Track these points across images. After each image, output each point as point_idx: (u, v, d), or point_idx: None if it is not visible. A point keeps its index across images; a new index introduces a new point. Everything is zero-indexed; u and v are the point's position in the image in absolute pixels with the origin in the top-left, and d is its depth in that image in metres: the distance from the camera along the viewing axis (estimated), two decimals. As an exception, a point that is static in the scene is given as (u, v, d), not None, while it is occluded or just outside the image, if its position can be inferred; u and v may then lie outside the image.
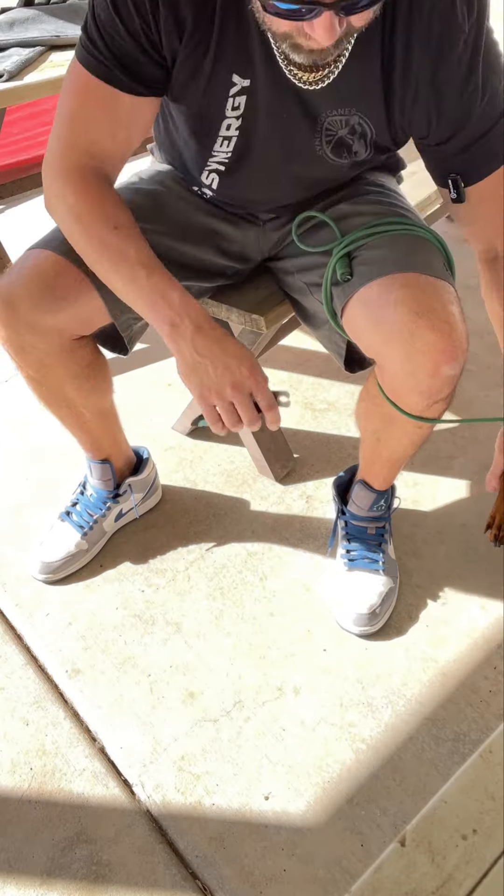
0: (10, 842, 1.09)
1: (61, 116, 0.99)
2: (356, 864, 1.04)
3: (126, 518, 1.55)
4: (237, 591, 1.42)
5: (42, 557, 1.46)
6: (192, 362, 0.98)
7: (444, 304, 0.99)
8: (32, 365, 1.20)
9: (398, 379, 1.03)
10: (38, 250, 1.10)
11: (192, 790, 1.13)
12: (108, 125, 0.98)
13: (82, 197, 0.99)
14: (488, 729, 1.18)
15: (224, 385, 0.98)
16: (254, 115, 1.01)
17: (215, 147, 1.07)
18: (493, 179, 1.03)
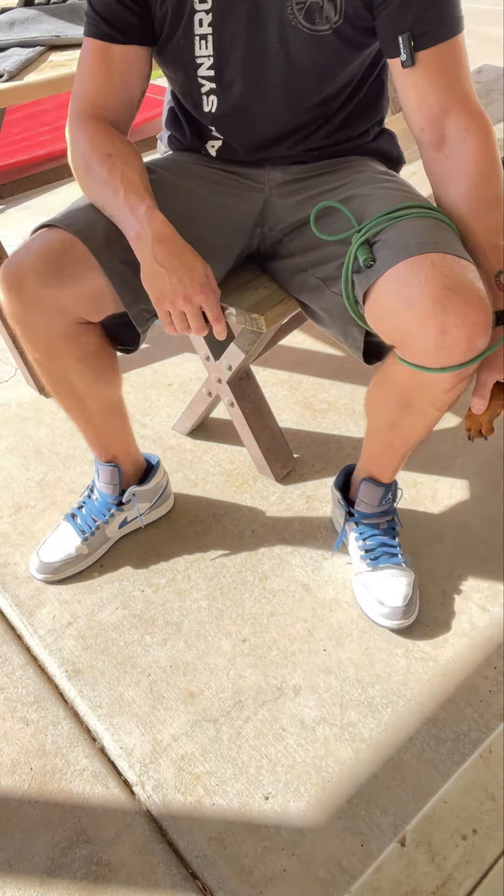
0: (10, 842, 1.09)
1: (75, 79, 1.17)
2: (356, 864, 1.04)
3: (131, 526, 1.53)
4: (237, 591, 1.42)
5: (42, 556, 1.46)
6: (150, 269, 1.08)
7: (472, 281, 1.00)
8: (38, 347, 1.20)
9: (429, 356, 1.02)
10: (48, 228, 1.13)
11: (192, 790, 1.13)
12: (105, 75, 1.14)
13: (83, 133, 1.14)
14: (488, 729, 1.18)
15: (176, 296, 1.07)
16: (222, 4, 1.08)
17: (197, 52, 1.14)
18: (443, 51, 1.05)
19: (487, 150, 1.08)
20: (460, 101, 1.08)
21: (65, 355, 1.21)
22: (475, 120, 1.08)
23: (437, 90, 1.07)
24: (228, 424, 1.73)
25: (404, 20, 1.04)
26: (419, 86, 1.07)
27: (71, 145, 1.16)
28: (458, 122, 1.08)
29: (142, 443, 1.76)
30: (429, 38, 1.04)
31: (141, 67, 1.15)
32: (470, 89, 1.09)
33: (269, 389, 1.90)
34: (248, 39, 1.10)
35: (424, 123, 1.10)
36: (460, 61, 1.08)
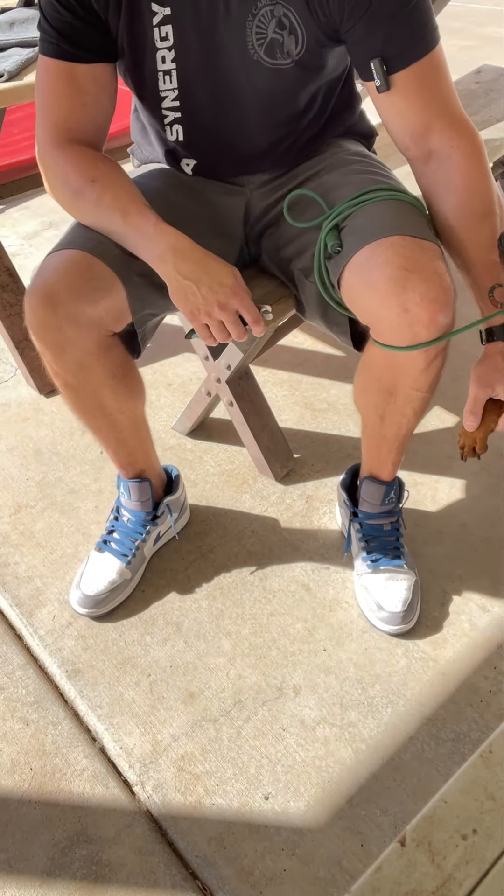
0: (10, 842, 1.09)
1: (37, 105, 1.11)
2: (356, 864, 1.04)
3: (163, 540, 1.51)
4: (237, 591, 1.42)
5: (85, 590, 1.39)
6: (178, 286, 1.06)
7: (430, 259, 1.01)
8: (71, 368, 1.17)
9: (396, 336, 1.04)
10: (64, 250, 1.11)
11: (192, 790, 1.13)
12: (73, 96, 1.09)
13: (64, 163, 1.09)
14: (488, 729, 1.18)
15: (211, 306, 1.06)
16: (184, 41, 1.06)
17: (161, 86, 1.12)
18: (418, 70, 1.02)
19: (474, 162, 1.06)
20: (442, 116, 1.05)
21: (98, 372, 1.19)
22: (459, 133, 1.06)
23: (416, 108, 1.05)
24: (228, 424, 1.73)
25: (373, 44, 1.02)
26: (398, 106, 1.05)
27: (49, 174, 1.11)
28: (442, 137, 1.05)
29: (142, 443, 1.77)
30: (401, 60, 1.01)
31: (110, 85, 1.11)
32: (452, 100, 1.06)
33: (269, 389, 1.90)
34: (213, 73, 1.09)
35: (409, 142, 1.08)
36: (438, 75, 1.04)
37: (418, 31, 1.01)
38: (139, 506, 1.43)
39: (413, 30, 1.01)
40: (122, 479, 1.42)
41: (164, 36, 1.06)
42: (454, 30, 4.66)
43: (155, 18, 1.04)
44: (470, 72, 2.25)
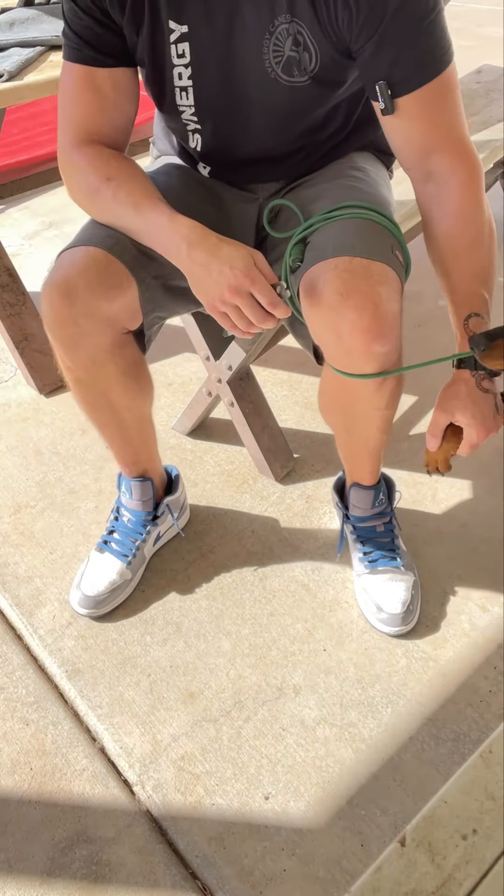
0: (10, 842, 1.09)
1: (59, 107, 1.11)
2: (356, 864, 1.04)
3: (163, 540, 1.51)
4: (237, 591, 1.42)
5: (85, 590, 1.39)
6: (194, 276, 1.04)
7: (371, 285, 0.99)
8: (83, 363, 1.17)
9: (338, 362, 1.04)
10: (80, 248, 1.10)
11: (192, 790, 1.13)
12: (94, 101, 1.08)
13: (78, 161, 1.09)
14: (488, 729, 1.18)
15: (223, 291, 0.98)
16: (200, 59, 1.05)
17: (178, 101, 1.11)
18: (424, 94, 1.00)
19: (469, 191, 1.04)
20: (445, 141, 1.04)
21: (110, 369, 1.19)
22: (460, 160, 1.04)
23: (419, 133, 1.04)
24: (228, 424, 1.73)
25: (379, 68, 1.00)
26: (401, 129, 1.05)
27: (68, 176, 1.11)
28: (442, 162, 1.04)
29: (142, 443, 1.76)
30: (406, 85, 1.00)
31: (131, 89, 1.11)
32: (456, 125, 1.05)
33: (269, 389, 1.90)
34: (229, 91, 1.08)
35: (410, 162, 1.07)
36: (445, 98, 1.02)
37: (427, 54, 0.99)
38: (140, 505, 1.43)
39: (421, 53, 0.99)
40: (124, 479, 1.42)
41: (180, 53, 1.05)
42: (454, 30, 4.64)
43: (172, 36, 1.03)
44: (470, 72, 2.25)
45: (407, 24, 0.96)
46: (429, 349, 2.00)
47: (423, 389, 1.86)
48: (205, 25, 1.02)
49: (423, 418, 1.77)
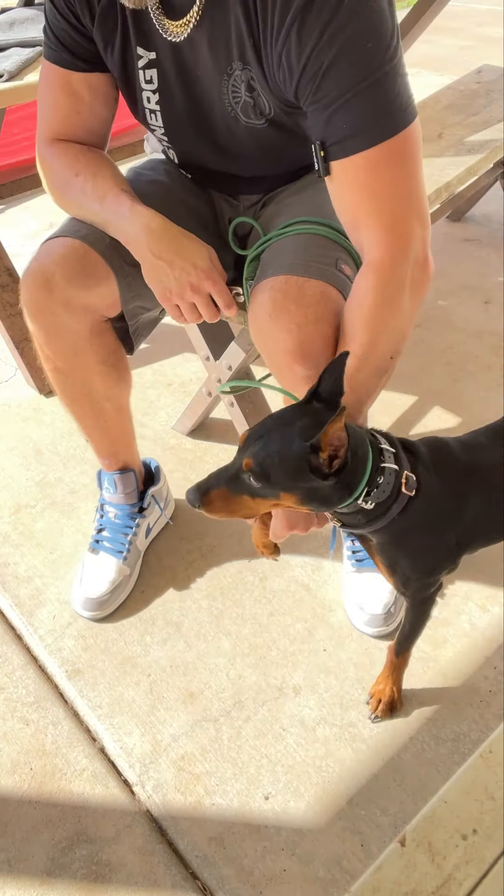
0: (10, 842, 1.09)
1: (38, 107, 1.11)
2: (356, 864, 1.04)
3: (154, 531, 1.51)
4: (237, 591, 1.42)
5: (87, 594, 1.38)
6: (150, 265, 1.05)
7: (300, 306, 0.97)
8: (63, 352, 1.19)
9: (279, 378, 1.03)
10: (61, 238, 1.12)
11: (192, 790, 1.13)
12: (69, 103, 1.08)
13: (49, 158, 1.11)
14: (488, 729, 1.18)
15: (184, 288, 1.03)
16: (167, 87, 1.05)
17: (149, 121, 1.11)
18: (359, 162, 0.88)
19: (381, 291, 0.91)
20: (374, 216, 0.90)
21: (89, 357, 1.21)
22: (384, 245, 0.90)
23: (349, 202, 0.93)
24: (228, 424, 1.73)
25: (316, 126, 0.90)
26: (334, 195, 0.95)
27: (44, 174, 1.13)
28: (369, 238, 0.92)
29: (142, 443, 1.76)
30: (341, 149, 0.88)
31: (109, 93, 1.10)
32: (397, 200, 0.90)
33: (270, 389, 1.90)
34: (196, 120, 1.07)
35: (344, 225, 0.97)
36: (386, 169, 0.88)
37: (366, 119, 0.86)
38: (124, 498, 1.44)
39: (359, 117, 0.86)
40: (106, 474, 1.43)
41: (148, 79, 1.04)
42: (454, 30, 4.66)
43: (140, 61, 1.03)
44: (470, 72, 2.25)
45: (340, 84, 0.85)
46: (428, 349, 2.01)
47: (423, 389, 1.86)
48: (171, 55, 1.00)
49: (423, 418, 1.77)
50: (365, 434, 0.86)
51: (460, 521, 0.95)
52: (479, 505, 0.95)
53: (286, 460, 0.79)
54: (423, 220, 0.92)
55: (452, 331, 2.07)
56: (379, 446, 0.87)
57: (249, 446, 0.82)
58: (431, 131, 1.88)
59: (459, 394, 1.84)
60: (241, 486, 0.83)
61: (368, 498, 0.85)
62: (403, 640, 1.14)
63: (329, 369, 0.82)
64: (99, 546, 1.43)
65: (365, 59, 0.84)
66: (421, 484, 0.89)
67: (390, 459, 0.86)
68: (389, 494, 0.86)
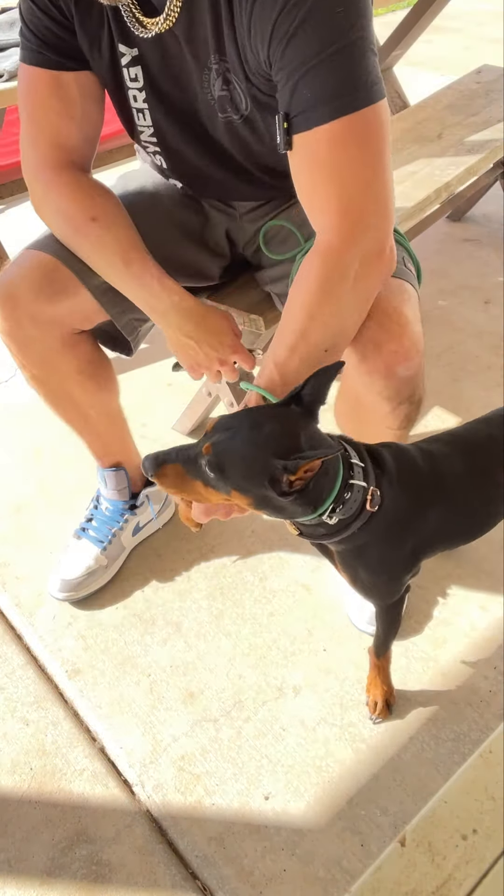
0: (10, 842, 1.09)
1: (22, 117, 1.04)
2: (356, 864, 1.04)
3: (144, 532, 1.52)
4: (237, 591, 1.42)
5: (61, 575, 1.41)
6: (179, 343, 1.08)
7: (395, 306, 0.96)
8: (35, 362, 1.19)
9: (359, 382, 1.00)
10: (33, 251, 1.12)
11: (192, 790, 1.13)
12: (61, 107, 1.02)
13: (61, 192, 1.04)
14: (488, 729, 1.18)
15: (213, 362, 1.10)
16: (153, 83, 1.02)
17: (137, 122, 1.09)
18: (320, 135, 0.84)
19: (325, 279, 0.87)
20: (331, 199, 0.87)
21: (63, 368, 1.20)
22: (337, 230, 0.87)
23: (307, 179, 0.89)
24: (228, 424, 1.73)
25: (283, 96, 0.87)
26: (294, 170, 0.91)
27: (43, 200, 1.06)
28: (323, 221, 0.89)
29: (142, 443, 1.76)
30: (304, 120, 0.85)
31: (97, 94, 1.05)
32: (356, 183, 0.86)
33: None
34: (182, 116, 1.05)
35: (304, 208, 0.93)
36: (347, 147, 0.84)
37: (331, 89, 0.82)
38: (116, 494, 1.45)
39: (324, 86, 0.82)
40: (100, 469, 1.44)
41: (133, 77, 1.02)
42: (454, 30, 4.66)
43: (123, 59, 1.00)
44: (470, 72, 2.25)
45: (307, 48, 0.82)
46: (428, 349, 2.00)
47: (423, 389, 1.86)
48: (155, 50, 0.98)
49: (423, 418, 1.77)
50: (338, 447, 0.83)
51: (419, 532, 0.94)
52: (439, 515, 0.94)
53: (247, 462, 0.76)
54: (382, 210, 0.87)
55: (452, 331, 2.07)
56: (350, 461, 0.84)
57: (215, 434, 0.79)
58: (431, 131, 1.88)
59: (459, 394, 1.84)
60: (196, 470, 0.80)
61: (333, 514, 0.83)
62: (380, 644, 1.14)
63: (317, 374, 0.79)
64: (83, 534, 1.46)
65: (333, 23, 0.81)
66: (384, 498, 0.87)
67: (359, 476, 0.84)
68: (354, 511, 0.85)
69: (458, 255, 2.41)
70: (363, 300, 0.90)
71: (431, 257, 2.40)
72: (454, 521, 0.98)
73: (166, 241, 1.17)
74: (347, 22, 0.81)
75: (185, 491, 0.83)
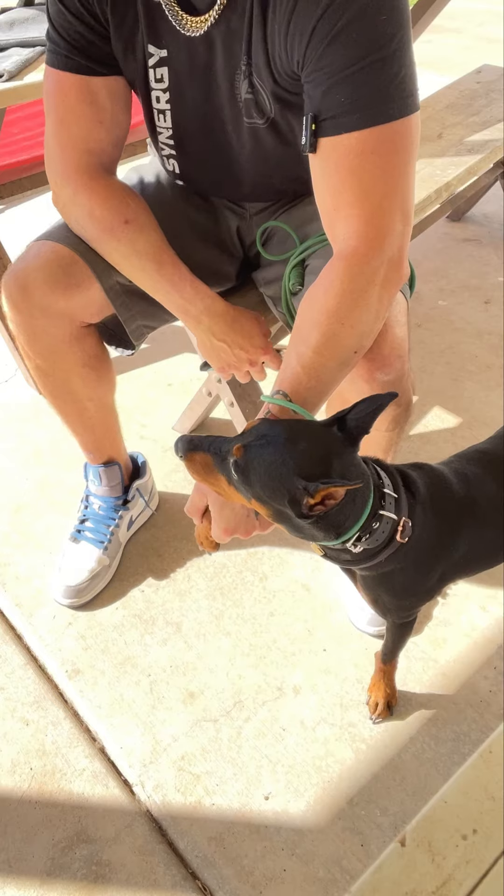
0: (10, 842, 1.09)
1: (50, 120, 1.03)
2: (356, 864, 1.04)
3: (136, 525, 1.53)
4: (237, 591, 1.42)
5: (65, 581, 1.40)
6: (210, 345, 1.11)
7: None
8: (42, 353, 1.19)
9: (344, 384, 0.98)
10: (49, 242, 1.11)
11: (192, 790, 1.13)
12: (91, 113, 1.02)
13: (92, 195, 1.03)
14: (488, 729, 1.18)
15: (243, 363, 1.13)
16: (178, 85, 1.02)
17: (157, 122, 1.09)
18: (351, 143, 0.84)
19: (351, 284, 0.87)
20: (358, 206, 0.87)
21: (69, 360, 1.21)
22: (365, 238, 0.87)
23: (333, 185, 0.88)
24: (228, 424, 1.73)
25: (313, 98, 0.87)
26: (317, 174, 0.91)
27: (73, 204, 1.05)
28: (346, 231, 0.88)
29: (142, 443, 1.77)
30: (333, 125, 0.85)
31: (126, 98, 1.05)
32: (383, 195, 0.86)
33: (269, 389, 1.89)
34: (205, 119, 1.05)
35: (322, 215, 0.93)
36: (378, 157, 0.84)
37: (369, 96, 0.82)
38: (109, 491, 1.45)
39: (360, 93, 0.83)
40: (91, 466, 1.45)
41: (159, 78, 1.02)
42: (454, 30, 4.66)
43: (151, 60, 1.00)
44: (470, 72, 2.25)
45: (347, 53, 0.82)
46: (428, 349, 2.01)
47: (423, 390, 1.86)
48: (184, 53, 0.97)
49: (423, 418, 1.77)
50: (370, 477, 0.81)
51: (449, 559, 0.93)
52: (469, 541, 0.93)
53: (271, 475, 0.75)
54: (406, 219, 0.89)
55: (452, 331, 2.07)
56: (382, 490, 0.82)
57: (251, 437, 0.77)
58: (431, 131, 1.88)
59: (459, 394, 1.84)
60: (224, 466, 0.79)
61: (359, 543, 0.82)
62: (388, 652, 1.14)
63: (367, 400, 0.78)
64: (80, 536, 1.45)
65: (378, 31, 0.81)
66: (415, 527, 0.85)
67: (391, 507, 0.83)
68: (382, 541, 0.83)
69: (458, 255, 2.41)
70: (387, 304, 0.91)
71: (431, 257, 2.40)
72: (483, 547, 0.97)
73: (183, 240, 1.17)
74: (390, 30, 0.81)
75: (209, 482, 0.83)
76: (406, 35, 0.83)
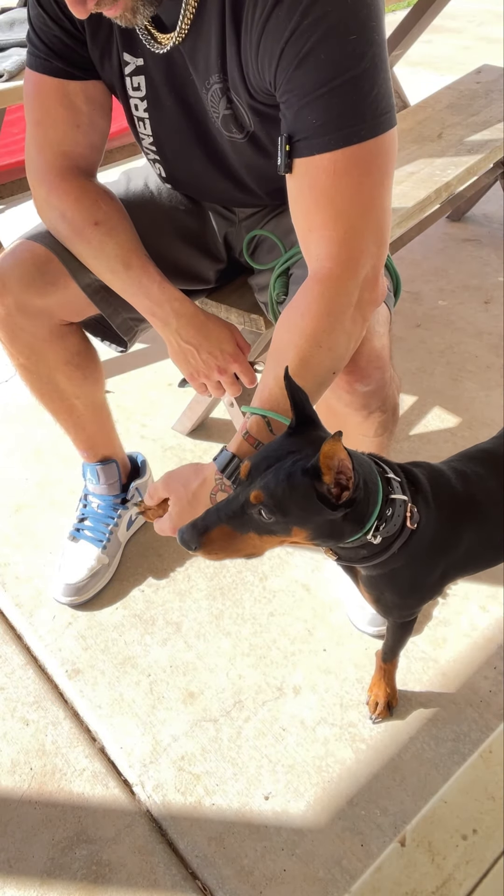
0: (10, 842, 1.09)
1: (28, 122, 1.05)
2: (356, 864, 1.04)
3: (136, 524, 1.53)
4: (237, 591, 1.42)
5: (65, 580, 1.40)
6: (178, 349, 1.08)
7: None
8: (23, 351, 1.20)
9: (328, 393, 0.97)
10: (27, 241, 1.13)
11: (192, 790, 1.13)
12: (68, 116, 1.03)
13: (63, 197, 1.04)
14: (488, 729, 1.18)
15: (211, 370, 1.09)
16: (155, 94, 1.02)
17: (139, 130, 1.09)
18: (324, 163, 0.83)
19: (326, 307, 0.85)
20: (329, 226, 0.85)
21: (51, 358, 1.21)
22: (336, 258, 0.86)
23: (305, 206, 0.88)
24: (228, 424, 1.73)
25: (286, 117, 0.86)
26: (291, 194, 0.90)
27: (46, 205, 1.07)
28: (319, 249, 0.87)
29: (142, 443, 1.77)
30: (306, 146, 0.84)
31: (104, 103, 1.06)
32: (356, 215, 0.85)
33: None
34: (183, 129, 1.05)
35: (298, 235, 0.92)
36: (350, 177, 0.83)
37: (337, 118, 0.81)
38: (107, 489, 1.45)
39: (330, 115, 0.81)
40: (88, 465, 1.44)
41: (136, 86, 1.02)
42: (454, 30, 4.66)
43: (127, 68, 1.00)
44: (470, 72, 2.25)
45: (317, 74, 0.81)
46: (428, 349, 2.01)
47: (423, 390, 1.86)
48: (161, 62, 0.97)
49: (423, 418, 1.77)
50: (371, 463, 0.81)
51: (452, 555, 0.93)
52: (471, 538, 0.93)
53: (297, 490, 0.71)
54: (380, 239, 0.88)
55: (452, 331, 2.07)
56: (386, 475, 0.82)
57: (256, 478, 0.74)
58: (431, 131, 1.88)
59: (459, 394, 1.84)
60: (246, 522, 0.75)
61: (377, 532, 0.80)
62: (389, 651, 1.14)
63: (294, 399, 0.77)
64: (79, 535, 1.45)
65: (347, 50, 0.80)
66: (421, 517, 0.85)
67: (398, 490, 0.82)
68: (396, 528, 0.82)
69: (458, 255, 2.42)
70: (361, 327, 0.91)
71: (431, 257, 2.40)
72: (485, 545, 0.97)
73: (162, 241, 1.18)
74: (360, 50, 0.80)
75: (236, 550, 0.78)
76: (379, 52, 0.82)
